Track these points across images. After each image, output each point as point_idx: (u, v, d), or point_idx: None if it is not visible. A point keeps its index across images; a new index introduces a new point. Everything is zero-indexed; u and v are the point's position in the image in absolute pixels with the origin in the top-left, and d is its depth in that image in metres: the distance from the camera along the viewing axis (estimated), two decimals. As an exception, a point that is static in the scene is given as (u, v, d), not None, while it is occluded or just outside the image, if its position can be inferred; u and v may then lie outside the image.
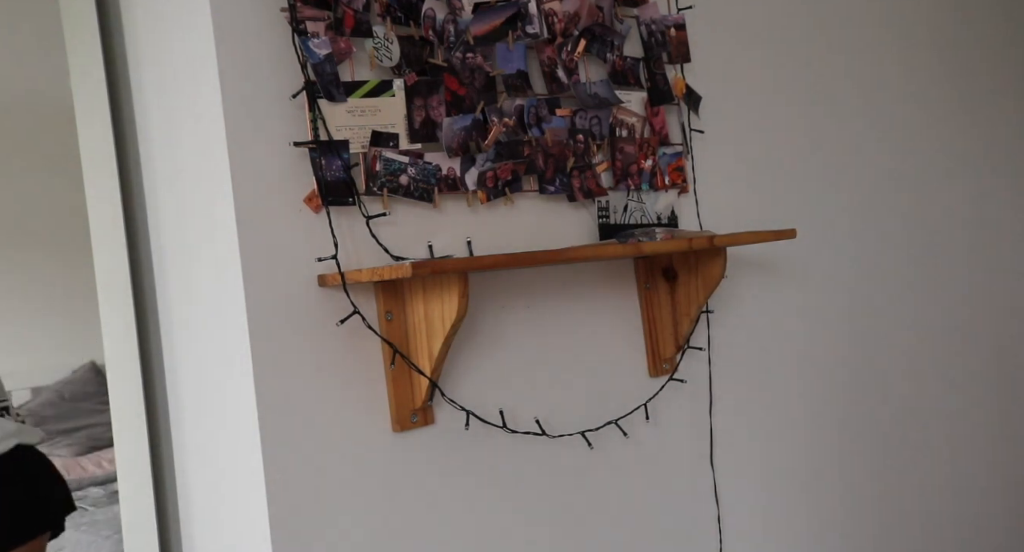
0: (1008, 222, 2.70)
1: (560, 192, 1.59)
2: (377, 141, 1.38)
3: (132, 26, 1.53)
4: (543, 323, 1.58)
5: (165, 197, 1.48)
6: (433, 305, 1.32)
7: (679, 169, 1.79)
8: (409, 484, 1.39)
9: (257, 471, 1.26)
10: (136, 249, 1.55)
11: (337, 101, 1.35)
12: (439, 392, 1.43)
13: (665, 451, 1.74)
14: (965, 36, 2.70)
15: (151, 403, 1.54)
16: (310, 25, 1.34)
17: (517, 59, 1.55)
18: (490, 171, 1.50)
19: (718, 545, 1.80)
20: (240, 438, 1.30)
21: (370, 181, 1.37)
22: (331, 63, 1.34)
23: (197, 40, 1.31)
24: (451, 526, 1.43)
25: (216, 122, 1.28)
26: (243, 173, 1.28)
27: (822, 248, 2.13)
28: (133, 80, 1.54)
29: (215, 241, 1.32)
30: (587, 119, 1.64)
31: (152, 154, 1.51)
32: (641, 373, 1.72)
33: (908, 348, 2.32)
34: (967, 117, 2.64)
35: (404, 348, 1.37)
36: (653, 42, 1.79)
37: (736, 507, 1.85)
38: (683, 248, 1.52)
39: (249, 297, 1.26)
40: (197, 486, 1.47)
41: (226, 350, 1.32)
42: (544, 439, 1.55)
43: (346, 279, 1.29)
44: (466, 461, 1.46)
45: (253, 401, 1.26)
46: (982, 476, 2.50)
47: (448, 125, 1.46)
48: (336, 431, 1.32)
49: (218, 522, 1.41)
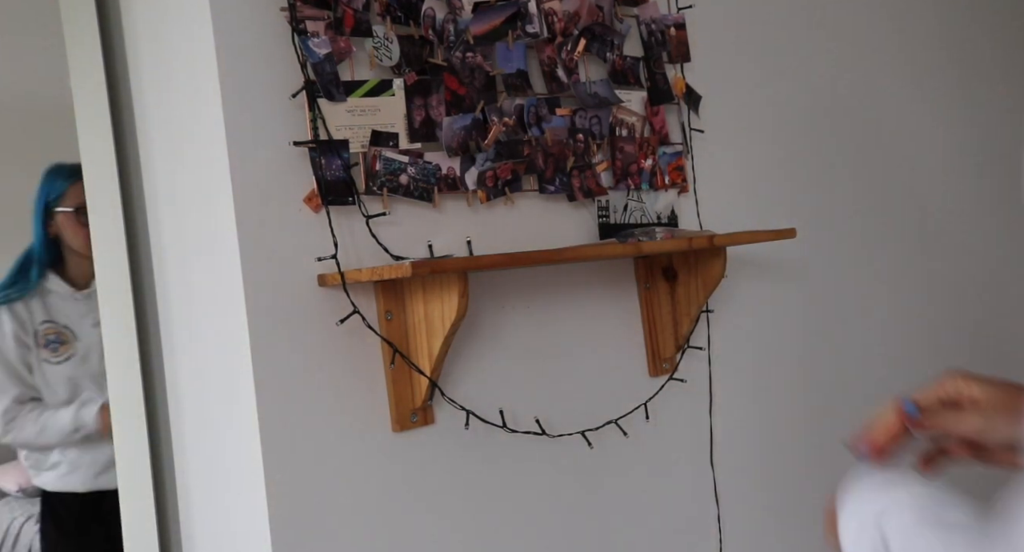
0: (1009, 221, 2.70)
1: (560, 192, 1.59)
2: (377, 141, 1.38)
3: (132, 26, 1.53)
4: (543, 323, 1.58)
5: (165, 197, 1.48)
6: (433, 305, 1.32)
7: (679, 169, 1.79)
8: (409, 484, 1.39)
9: (257, 471, 1.26)
10: (136, 249, 1.55)
11: (337, 101, 1.35)
12: (439, 392, 1.43)
13: (665, 451, 1.74)
14: (966, 34, 2.70)
15: (151, 403, 1.54)
16: (310, 25, 1.34)
17: (517, 59, 1.55)
18: (490, 171, 1.50)
19: (718, 545, 1.80)
20: (240, 438, 1.30)
21: (370, 181, 1.37)
22: (331, 63, 1.34)
23: (197, 40, 1.31)
24: (451, 526, 1.43)
25: (216, 121, 1.28)
26: (243, 173, 1.28)
27: (822, 248, 2.13)
28: (133, 80, 1.54)
29: (215, 241, 1.32)
30: (587, 119, 1.64)
31: (152, 154, 1.51)
32: (641, 373, 1.72)
33: (908, 347, 2.32)
34: (969, 116, 2.64)
35: (404, 348, 1.37)
36: (653, 41, 1.79)
37: (736, 507, 1.84)
38: (683, 248, 1.52)
39: (249, 297, 1.26)
40: (197, 486, 1.47)
41: (226, 350, 1.32)
42: (544, 439, 1.55)
43: (346, 279, 1.29)
44: (466, 461, 1.45)
45: (253, 401, 1.26)
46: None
47: (448, 125, 1.46)
48: (336, 431, 1.32)
49: (218, 522, 1.41)
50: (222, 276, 1.31)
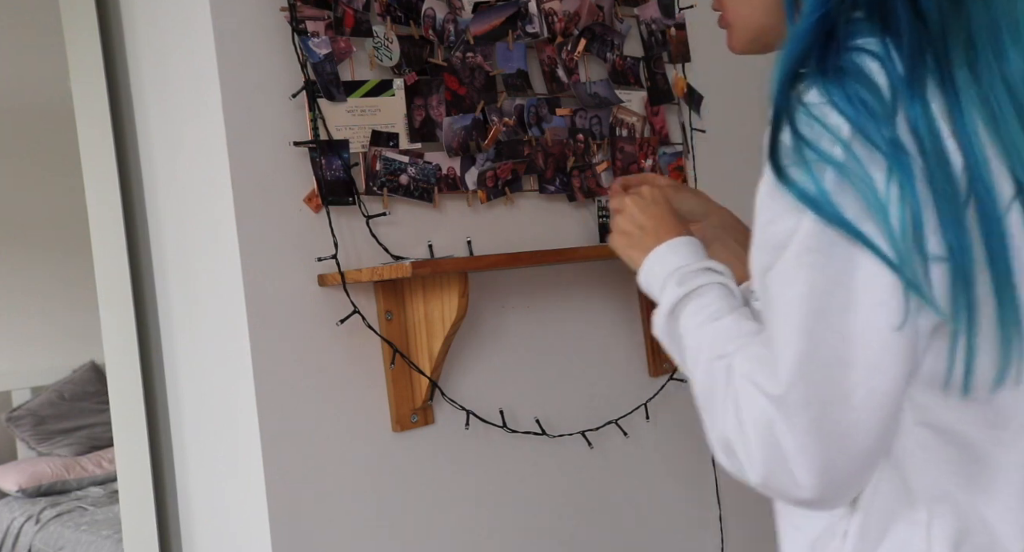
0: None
1: (560, 192, 1.59)
2: (377, 141, 1.38)
3: (132, 26, 1.53)
4: (543, 323, 1.58)
5: (165, 197, 1.48)
6: (433, 305, 1.32)
7: (679, 169, 1.79)
8: (409, 484, 1.39)
9: (257, 471, 1.26)
10: (136, 249, 1.55)
11: (337, 101, 1.35)
12: (439, 392, 1.43)
13: (666, 451, 1.73)
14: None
15: (151, 403, 1.54)
16: (310, 25, 1.34)
17: (517, 59, 1.55)
18: (490, 171, 1.50)
19: (719, 545, 1.80)
20: (240, 438, 1.30)
21: (370, 181, 1.37)
22: (331, 63, 1.34)
23: (197, 40, 1.31)
24: (451, 526, 1.43)
25: (216, 122, 1.28)
26: (243, 173, 1.28)
27: (822, 248, 2.12)
28: (133, 80, 1.54)
29: (215, 241, 1.32)
30: (587, 119, 1.64)
31: (152, 154, 1.51)
32: (641, 372, 1.72)
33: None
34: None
35: (404, 348, 1.37)
36: (653, 42, 1.79)
37: (738, 508, 1.84)
38: (683, 248, 1.52)
39: (249, 297, 1.26)
40: (197, 486, 1.47)
41: (226, 350, 1.32)
42: (544, 439, 1.55)
43: (346, 279, 1.29)
44: (466, 461, 1.45)
45: (253, 401, 1.26)
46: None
47: (448, 125, 1.46)
48: (336, 431, 1.32)
49: (218, 522, 1.41)
50: (222, 276, 1.31)
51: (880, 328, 0.59)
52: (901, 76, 0.61)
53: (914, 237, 0.59)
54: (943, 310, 0.60)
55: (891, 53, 0.62)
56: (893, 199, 0.59)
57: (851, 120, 0.60)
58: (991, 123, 0.62)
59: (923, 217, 0.59)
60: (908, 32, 0.62)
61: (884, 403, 0.61)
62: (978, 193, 0.60)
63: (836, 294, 0.60)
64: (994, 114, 0.62)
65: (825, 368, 0.60)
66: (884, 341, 0.59)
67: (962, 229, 0.59)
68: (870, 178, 0.59)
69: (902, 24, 0.63)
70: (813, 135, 0.61)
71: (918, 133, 0.60)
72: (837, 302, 0.60)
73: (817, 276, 0.60)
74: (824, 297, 0.60)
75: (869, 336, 0.60)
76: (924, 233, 0.59)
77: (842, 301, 0.60)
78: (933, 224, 0.60)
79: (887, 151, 0.59)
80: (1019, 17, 0.64)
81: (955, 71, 0.62)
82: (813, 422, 0.60)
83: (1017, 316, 0.62)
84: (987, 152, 0.61)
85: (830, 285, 0.60)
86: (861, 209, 0.59)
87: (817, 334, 0.60)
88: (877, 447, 0.62)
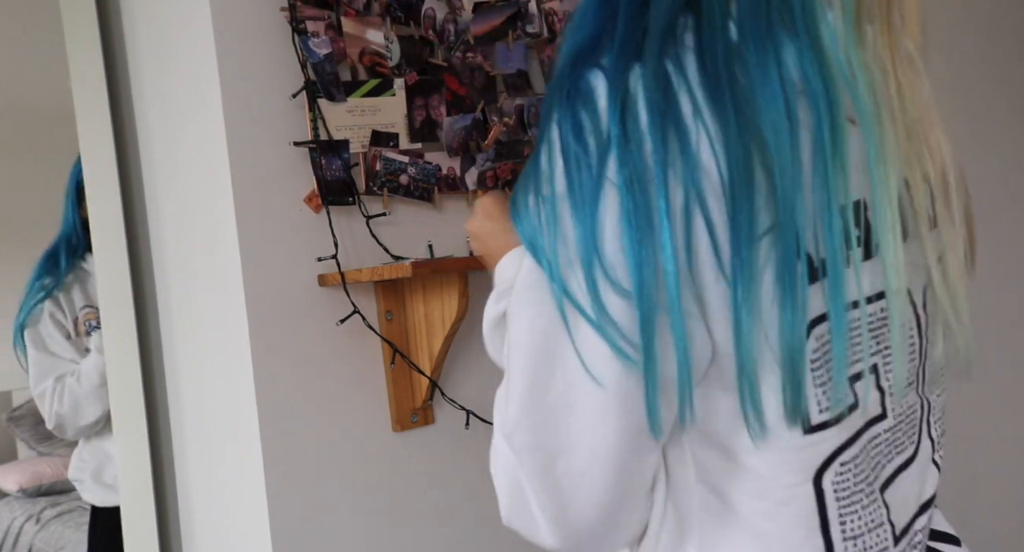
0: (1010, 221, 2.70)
1: (560, 192, 1.59)
2: (377, 141, 1.38)
3: (132, 26, 1.53)
4: (543, 323, 1.58)
5: (165, 197, 1.48)
6: (433, 305, 1.32)
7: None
8: (409, 484, 1.39)
9: (257, 471, 1.26)
10: (136, 249, 1.55)
11: (337, 101, 1.35)
12: (439, 392, 1.43)
13: (665, 451, 1.73)
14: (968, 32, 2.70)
15: (151, 403, 1.54)
16: (310, 24, 1.34)
17: (517, 59, 1.55)
18: (490, 171, 1.50)
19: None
20: (240, 438, 1.30)
21: (370, 181, 1.37)
22: (331, 63, 1.34)
23: (197, 39, 1.31)
24: (451, 526, 1.43)
25: (216, 122, 1.28)
26: (243, 173, 1.28)
27: (822, 248, 2.12)
28: (133, 80, 1.54)
29: (215, 241, 1.32)
30: (587, 119, 1.64)
31: (152, 154, 1.51)
32: (641, 373, 1.71)
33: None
34: (970, 114, 2.64)
35: (404, 348, 1.37)
36: (653, 42, 1.79)
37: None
38: (683, 248, 1.52)
39: (249, 297, 1.26)
40: (197, 486, 1.47)
41: (226, 350, 1.32)
42: (544, 439, 1.55)
43: (346, 279, 1.29)
44: (466, 461, 1.45)
45: (253, 401, 1.26)
46: (988, 473, 2.50)
47: (448, 125, 1.46)
48: (336, 431, 1.32)
49: (218, 522, 1.41)
50: (222, 276, 1.31)
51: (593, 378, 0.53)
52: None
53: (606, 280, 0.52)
54: (632, 355, 0.52)
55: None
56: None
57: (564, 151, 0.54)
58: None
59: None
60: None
61: (611, 457, 0.54)
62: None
63: (557, 336, 0.54)
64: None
65: (551, 413, 0.54)
66: (600, 392, 0.53)
67: (651, 269, 0.51)
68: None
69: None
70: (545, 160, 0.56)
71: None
72: (561, 345, 0.54)
73: (536, 315, 0.55)
74: (545, 338, 0.54)
75: (588, 385, 0.53)
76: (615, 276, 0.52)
77: (565, 344, 0.53)
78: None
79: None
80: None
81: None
82: (541, 469, 0.55)
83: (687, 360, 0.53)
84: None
85: (549, 326, 0.54)
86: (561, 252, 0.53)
87: (541, 377, 0.54)
88: (615, 503, 0.56)
